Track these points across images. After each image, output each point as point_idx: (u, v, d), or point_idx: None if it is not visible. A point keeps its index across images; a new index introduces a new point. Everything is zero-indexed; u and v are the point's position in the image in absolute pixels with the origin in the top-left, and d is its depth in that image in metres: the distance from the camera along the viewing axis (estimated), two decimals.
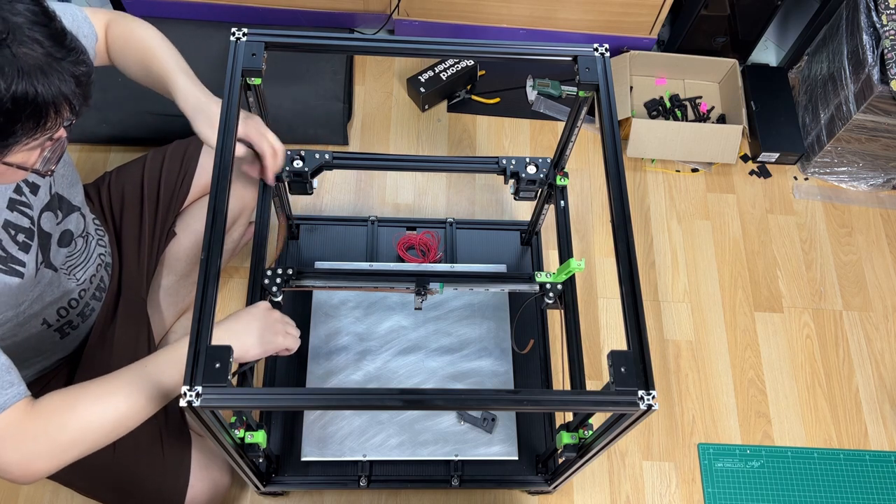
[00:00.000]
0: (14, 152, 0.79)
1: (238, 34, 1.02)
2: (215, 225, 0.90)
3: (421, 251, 1.56)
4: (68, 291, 1.14)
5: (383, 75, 1.95)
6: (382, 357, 1.40)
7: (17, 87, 0.73)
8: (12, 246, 0.97)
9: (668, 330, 1.66)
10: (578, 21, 1.92)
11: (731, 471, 1.51)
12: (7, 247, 0.96)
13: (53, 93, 0.76)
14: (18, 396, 0.88)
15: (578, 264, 1.12)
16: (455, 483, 1.32)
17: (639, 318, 0.89)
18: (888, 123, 1.67)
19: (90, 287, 1.20)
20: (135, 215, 1.36)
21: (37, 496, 1.37)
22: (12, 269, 0.97)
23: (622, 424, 0.92)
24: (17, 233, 0.97)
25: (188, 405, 0.79)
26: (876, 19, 1.62)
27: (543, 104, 1.93)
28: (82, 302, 1.19)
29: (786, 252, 1.79)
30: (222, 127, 0.96)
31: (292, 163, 1.24)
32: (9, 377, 0.88)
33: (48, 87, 0.75)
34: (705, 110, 1.95)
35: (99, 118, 1.70)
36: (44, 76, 0.75)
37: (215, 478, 1.24)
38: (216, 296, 0.88)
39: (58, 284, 1.10)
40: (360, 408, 1.13)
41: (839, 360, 1.66)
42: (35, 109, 0.76)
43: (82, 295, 1.18)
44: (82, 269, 1.16)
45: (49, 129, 0.79)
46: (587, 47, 1.05)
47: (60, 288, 1.11)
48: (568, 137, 1.20)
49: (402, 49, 1.07)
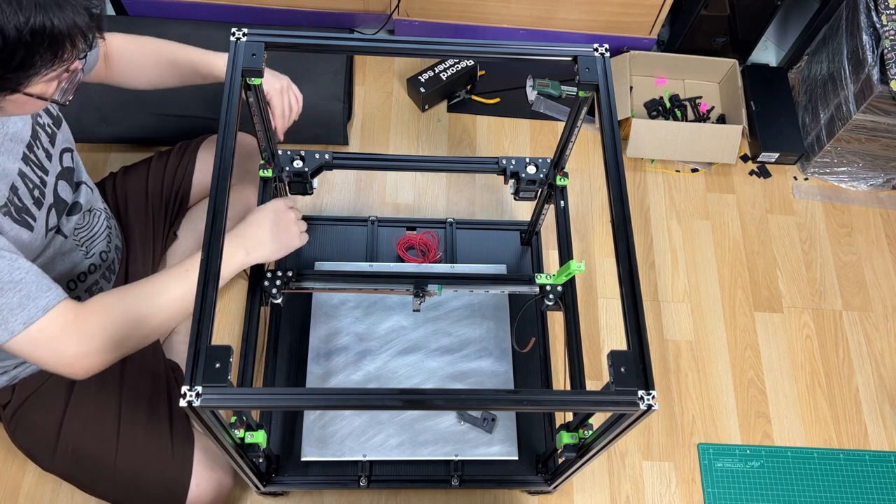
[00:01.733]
0: (34, 83, 0.84)
1: (238, 34, 1.02)
2: (215, 225, 0.90)
3: (421, 251, 1.56)
4: (78, 264, 1.17)
5: (383, 75, 1.95)
6: (382, 357, 1.40)
7: (35, 20, 0.77)
8: (28, 198, 1.01)
9: (668, 330, 1.66)
10: (578, 21, 1.92)
11: (730, 471, 1.51)
12: (23, 196, 1.00)
13: (68, 24, 0.80)
14: (61, 296, 0.95)
15: (578, 266, 1.12)
16: (455, 483, 1.32)
17: (639, 318, 0.89)
18: (888, 123, 1.67)
19: (101, 265, 1.24)
20: (140, 217, 1.38)
21: (37, 496, 1.37)
22: (24, 220, 1.00)
23: (622, 424, 0.92)
24: (33, 187, 1.02)
25: (188, 405, 0.79)
26: (876, 19, 1.62)
27: (543, 104, 1.93)
28: (91, 278, 1.21)
29: (786, 252, 1.79)
30: (222, 127, 0.96)
31: (292, 163, 1.24)
32: (45, 282, 0.94)
33: (63, 19, 0.79)
34: (705, 110, 1.95)
35: (99, 118, 1.70)
36: (59, 9, 0.79)
37: (219, 478, 1.24)
38: (216, 296, 0.88)
39: (68, 254, 1.14)
40: (360, 408, 1.13)
41: (839, 360, 1.66)
42: (52, 41, 0.80)
43: (92, 270, 1.21)
44: (92, 242, 1.20)
45: (66, 61, 0.84)
46: (587, 47, 1.05)
47: (70, 259, 1.14)
48: (568, 137, 1.20)
49: (402, 49, 1.07)
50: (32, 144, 1.03)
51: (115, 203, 1.38)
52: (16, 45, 0.78)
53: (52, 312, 0.93)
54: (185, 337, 1.43)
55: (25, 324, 0.91)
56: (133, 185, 1.40)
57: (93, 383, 1.20)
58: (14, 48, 0.78)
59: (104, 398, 1.21)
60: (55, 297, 0.94)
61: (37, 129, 1.05)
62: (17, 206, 0.99)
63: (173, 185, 1.42)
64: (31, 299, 0.92)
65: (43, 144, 1.06)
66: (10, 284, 0.90)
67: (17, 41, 0.77)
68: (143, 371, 1.25)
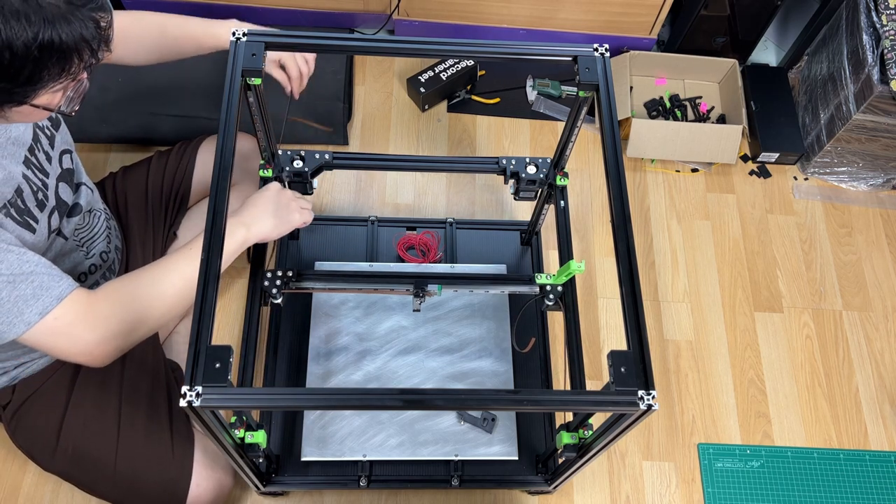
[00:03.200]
0: (40, 95, 0.85)
1: (238, 34, 1.02)
2: (215, 225, 0.90)
3: (421, 251, 1.56)
4: (78, 264, 1.18)
5: (383, 75, 1.95)
6: (382, 357, 1.40)
7: (44, 36, 0.78)
8: (31, 200, 1.02)
9: (668, 330, 1.66)
10: (578, 21, 1.92)
11: (730, 471, 1.51)
12: (27, 199, 1.01)
13: (76, 38, 0.81)
14: (73, 285, 0.96)
15: (578, 266, 1.12)
16: (455, 483, 1.32)
17: (639, 318, 0.89)
18: (888, 123, 1.67)
19: (101, 265, 1.25)
20: (140, 217, 1.38)
21: (37, 496, 1.37)
22: (27, 222, 1.01)
23: (622, 424, 0.92)
24: (36, 189, 1.03)
25: (188, 405, 0.79)
26: (876, 19, 1.62)
27: (543, 104, 1.93)
28: (91, 279, 1.22)
29: (786, 252, 1.79)
30: (222, 127, 0.96)
31: (292, 163, 1.24)
32: (56, 272, 0.95)
33: (71, 33, 0.80)
34: (705, 110, 1.95)
35: (99, 118, 1.70)
36: (67, 23, 0.79)
37: (220, 478, 1.24)
38: (216, 296, 0.88)
39: (69, 254, 1.15)
40: (360, 408, 1.13)
41: (839, 360, 1.66)
42: (60, 55, 0.81)
43: (92, 270, 1.22)
44: (92, 243, 1.21)
45: (72, 73, 0.84)
46: (587, 47, 1.05)
47: (71, 259, 1.15)
48: (568, 137, 1.20)
49: (402, 49, 1.07)
50: (33, 147, 1.04)
51: (115, 203, 1.38)
52: (24, 60, 0.78)
53: (66, 301, 0.94)
54: (185, 337, 1.43)
55: (41, 314, 0.92)
56: (133, 184, 1.40)
57: (93, 384, 1.20)
58: (22, 63, 0.78)
59: (104, 398, 1.21)
60: (68, 285, 0.95)
61: (37, 132, 1.05)
62: (20, 208, 0.99)
63: (173, 184, 1.42)
64: (44, 289, 0.92)
65: (43, 147, 1.06)
66: (22, 276, 0.91)
67: (25, 56, 0.77)
68: (142, 371, 1.25)
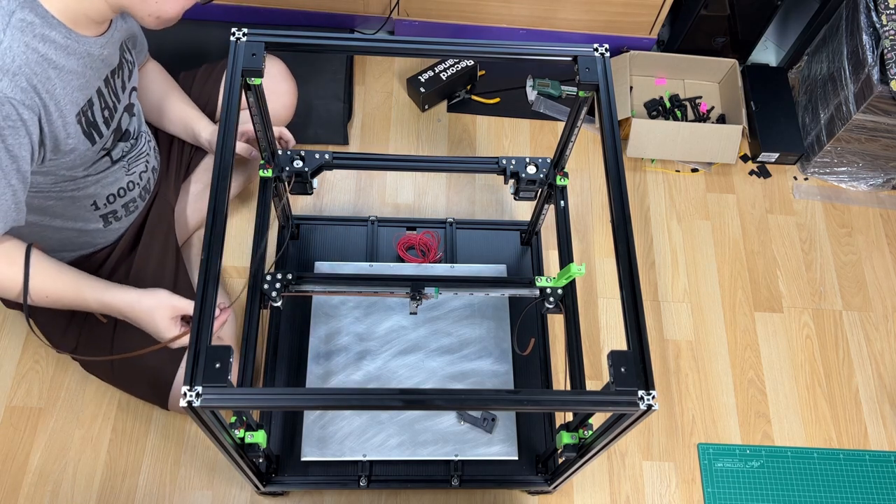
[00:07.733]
0: None
1: (238, 34, 1.02)
2: (215, 225, 0.90)
3: (421, 251, 1.56)
4: (118, 180, 1.27)
5: (383, 75, 1.95)
6: (382, 357, 1.40)
7: None
8: (99, 115, 1.13)
9: (668, 330, 1.66)
10: (578, 21, 1.92)
11: (730, 471, 1.51)
12: (95, 112, 1.11)
13: None
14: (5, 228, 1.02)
15: (579, 269, 1.11)
16: (455, 483, 1.32)
17: (639, 318, 0.89)
18: (888, 123, 1.67)
19: (139, 183, 1.33)
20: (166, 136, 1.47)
21: (37, 496, 1.37)
22: (91, 133, 1.11)
23: (622, 424, 0.92)
24: (104, 107, 1.14)
25: (188, 405, 0.79)
26: (876, 19, 1.62)
27: (543, 104, 1.93)
28: (129, 195, 1.31)
29: (786, 252, 1.79)
30: (222, 127, 0.96)
31: (292, 163, 1.24)
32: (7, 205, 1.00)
33: None
34: (705, 110, 1.95)
35: None
36: None
37: None
38: (216, 296, 0.88)
39: (112, 171, 1.23)
40: (360, 408, 1.13)
41: (839, 360, 1.66)
42: None
43: (130, 187, 1.31)
44: (134, 163, 1.30)
45: None
46: (587, 47, 1.05)
47: (113, 175, 1.24)
48: (568, 137, 1.20)
49: (402, 49, 1.07)
50: (115, 72, 1.16)
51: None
52: None
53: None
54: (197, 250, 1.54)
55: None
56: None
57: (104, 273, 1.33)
58: None
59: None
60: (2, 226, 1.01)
61: (123, 61, 1.18)
62: (89, 120, 1.09)
63: (199, 101, 1.48)
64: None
65: (122, 76, 1.19)
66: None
67: None
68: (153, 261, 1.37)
